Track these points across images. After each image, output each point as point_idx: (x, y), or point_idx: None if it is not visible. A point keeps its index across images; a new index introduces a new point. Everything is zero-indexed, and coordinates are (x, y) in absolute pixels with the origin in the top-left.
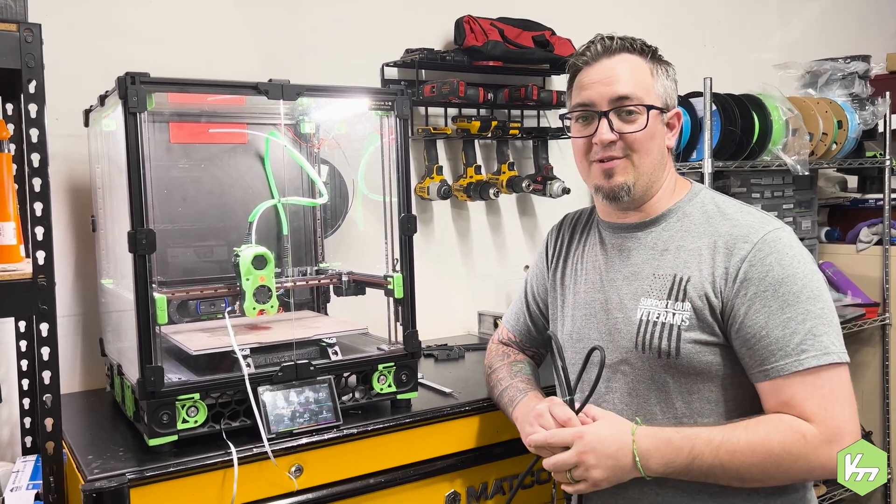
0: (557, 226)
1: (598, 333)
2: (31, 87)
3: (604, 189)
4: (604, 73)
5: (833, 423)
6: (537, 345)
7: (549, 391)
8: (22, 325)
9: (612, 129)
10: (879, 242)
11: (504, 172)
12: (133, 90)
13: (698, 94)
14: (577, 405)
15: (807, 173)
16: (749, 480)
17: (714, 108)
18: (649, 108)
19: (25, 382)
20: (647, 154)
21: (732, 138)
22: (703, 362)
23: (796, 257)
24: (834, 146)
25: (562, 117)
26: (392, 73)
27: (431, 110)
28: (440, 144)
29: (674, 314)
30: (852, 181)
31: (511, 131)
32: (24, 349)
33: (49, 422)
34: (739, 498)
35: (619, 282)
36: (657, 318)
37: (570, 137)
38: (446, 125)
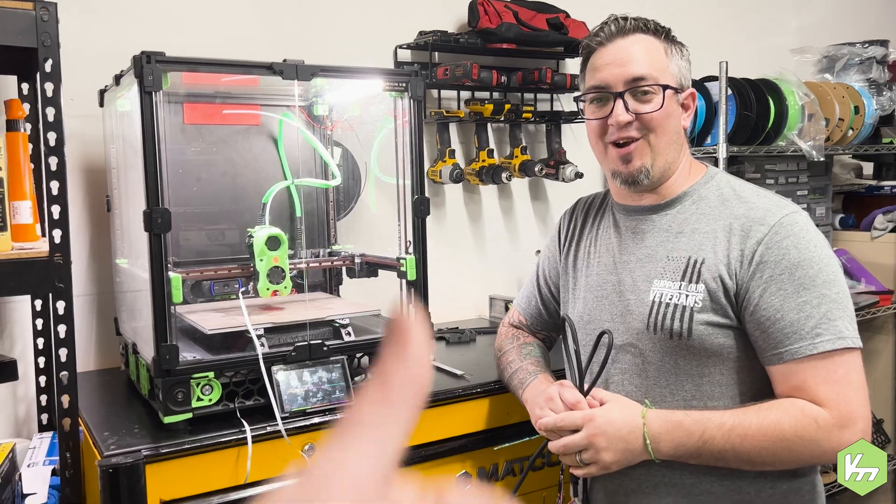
0: (570, 209)
1: (609, 315)
2: (48, 66)
3: (622, 174)
4: (618, 54)
5: (846, 408)
6: (548, 328)
7: (558, 374)
8: (38, 303)
9: (627, 109)
10: (894, 230)
11: (517, 156)
12: (149, 69)
13: (713, 79)
14: (586, 387)
15: (822, 159)
16: (759, 464)
17: (729, 92)
18: (665, 87)
19: (42, 360)
20: (664, 134)
21: (747, 123)
22: (715, 344)
23: (812, 241)
24: (850, 132)
25: (576, 99)
26: (405, 55)
27: (444, 93)
28: (453, 128)
29: (687, 296)
30: (868, 168)
31: (524, 115)
32: (40, 327)
33: (65, 399)
34: (746, 480)
35: (633, 264)
36: (670, 299)
37: (584, 121)
38: (459, 108)
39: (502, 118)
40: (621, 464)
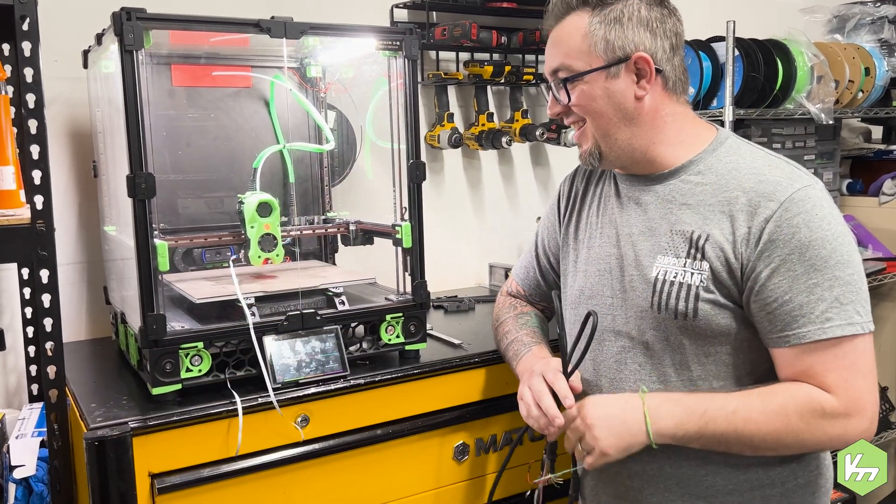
0: (570, 176)
1: (611, 291)
2: (25, 25)
3: (579, 157)
4: (550, 42)
5: (854, 395)
6: (547, 299)
7: (556, 345)
8: (25, 271)
9: (557, 100)
10: None
11: (517, 120)
12: (129, 26)
13: (720, 39)
14: (569, 369)
15: (831, 122)
16: (763, 449)
17: (736, 53)
18: (565, 81)
19: (31, 330)
20: (599, 117)
21: (755, 85)
22: (722, 325)
23: (826, 218)
24: (860, 94)
25: (544, 86)
26: (402, 14)
27: (442, 55)
28: (451, 91)
29: (692, 274)
30: (876, 132)
31: (525, 77)
32: (28, 296)
33: (52, 369)
34: (752, 462)
35: (636, 237)
36: (674, 277)
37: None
38: (458, 70)
39: (502, 80)
40: (619, 448)
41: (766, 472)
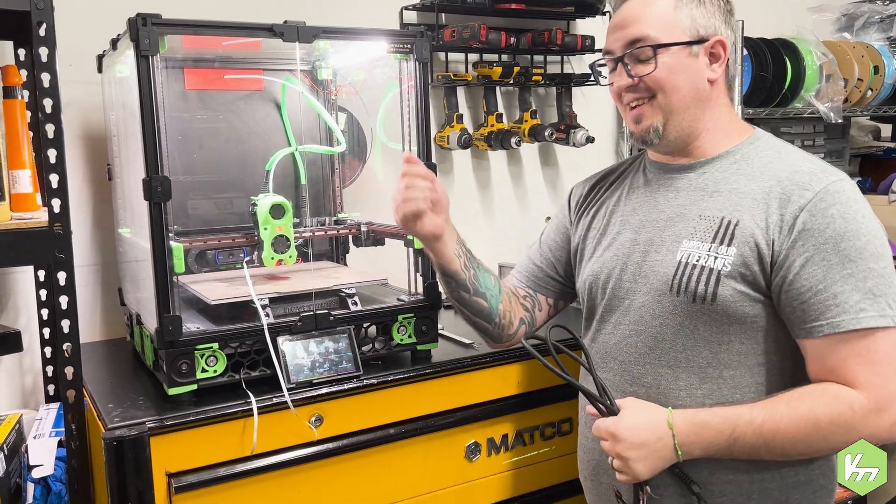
0: (584, 181)
1: (630, 275)
2: (42, 31)
3: (634, 134)
4: (622, 18)
5: (884, 391)
6: (535, 286)
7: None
8: (41, 274)
9: (629, 73)
10: None
11: (526, 121)
12: (144, 32)
13: None
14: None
15: (840, 121)
16: (794, 455)
17: (745, 52)
18: (657, 47)
19: (47, 331)
20: (674, 92)
21: (763, 84)
22: (740, 312)
23: (860, 211)
24: (869, 92)
25: (591, 66)
26: (411, 17)
27: (451, 56)
28: (460, 92)
29: (716, 258)
30: (886, 130)
31: (534, 78)
32: (44, 298)
33: (69, 370)
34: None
35: (662, 223)
36: (697, 260)
37: (594, 84)
38: (467, 71)
39: (511, 81)
40: (653, 472)
41: (767, 467)
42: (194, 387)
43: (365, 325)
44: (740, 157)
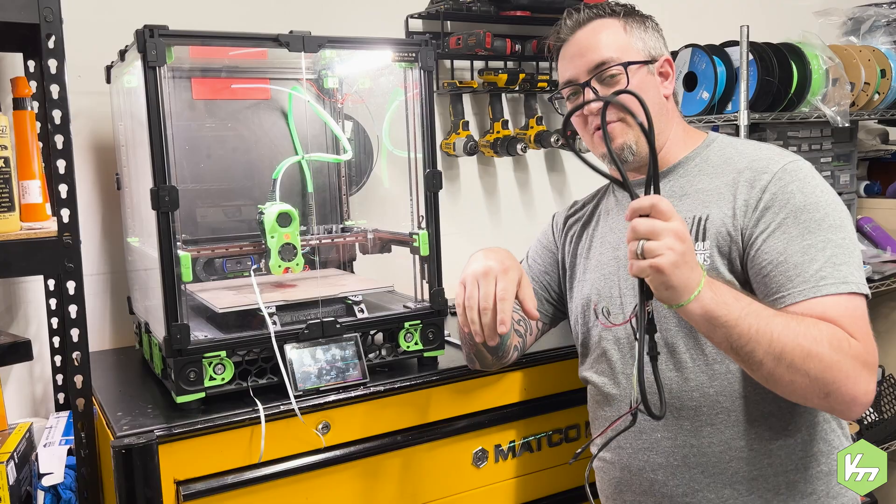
0: (567, 207)
1: (619, 290)
2: (51, 43)
3: (607, 156)
4: (578, 46)
5: (866, 343)
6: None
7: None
8: (51, 283)
9: (597, 95)
10: None
11: (532, 127)
12: (152, 43)
13: (734, 44)
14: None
15: (847, 125)
16: (786, 363)
17: (750, 57)
18: (627, 65)
19: (56, 340)
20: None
21: (769, 89)
22: None
23: (818, 186)
24: (876, 96)
25: (551, 100)
26: (417, 25)
27: (457, 63)
28: (466, 99)
29: (696, 255)
30: (894, 133)
31: (539, 84)
32: (53, 307)
33: (79, 379)
34: (775, 447)
35: None
36: None
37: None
38: (472, 79)
39: (517, 88)
40: (673, 273)
41: (790, 457)
42: (202, 395)
43: (371, 332)
44: (700, 160)
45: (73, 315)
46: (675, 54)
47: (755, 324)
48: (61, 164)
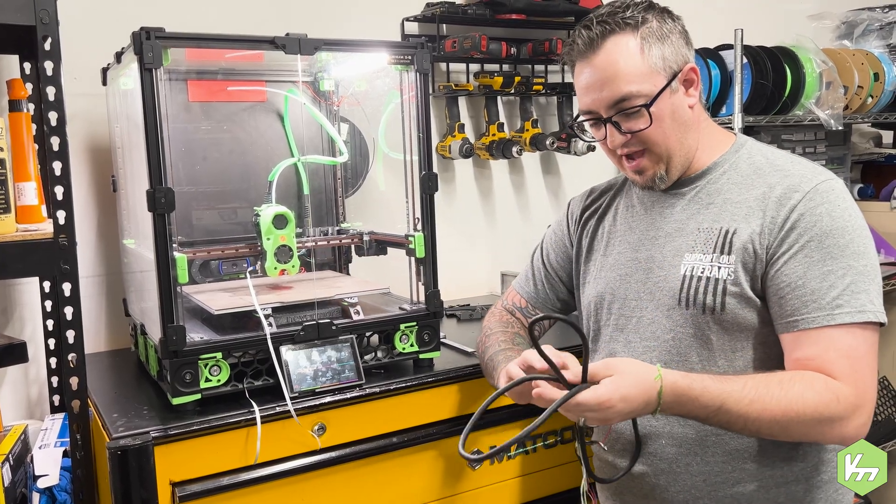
0: (582, 194)
1: (636, 293)
2: (47, 45)
3: (638, 184)
4: (595, 76)
5: (861, 388)
6: (545, 307)
7: None
8: (47, 285)
9: (621, 131)
10: None
11: (527, 130)
12: (148, 45)
13: (728, 47)
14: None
15: (841, 128)
16: (766, 436)
17: (745, 60)
18: (648, 105)
19: (52, 342)
20: (666, 139)
21: (763, 92)
22: (749, 319)
23: (847, 210)
24: (870, 100)
25: (571, 126)
26: (412, 27)
27: (453, 66)
28: (462, 102)
29: (719, 268)
30: (887, 136)
31: (535, 87)
32: (49, 309)
33: (74, 380)
34: (778, 457)
35: (662, 239)
36: (702, 272)
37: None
38: (468, 82)
39: (512, 91)
40: (625, 418)
41: (791, 468)
42: (198, 396)
43: (367, 334)
44: (728, 166)
45: (69, 317)
46: None
47: (729, 419)
48: (57, 166)
